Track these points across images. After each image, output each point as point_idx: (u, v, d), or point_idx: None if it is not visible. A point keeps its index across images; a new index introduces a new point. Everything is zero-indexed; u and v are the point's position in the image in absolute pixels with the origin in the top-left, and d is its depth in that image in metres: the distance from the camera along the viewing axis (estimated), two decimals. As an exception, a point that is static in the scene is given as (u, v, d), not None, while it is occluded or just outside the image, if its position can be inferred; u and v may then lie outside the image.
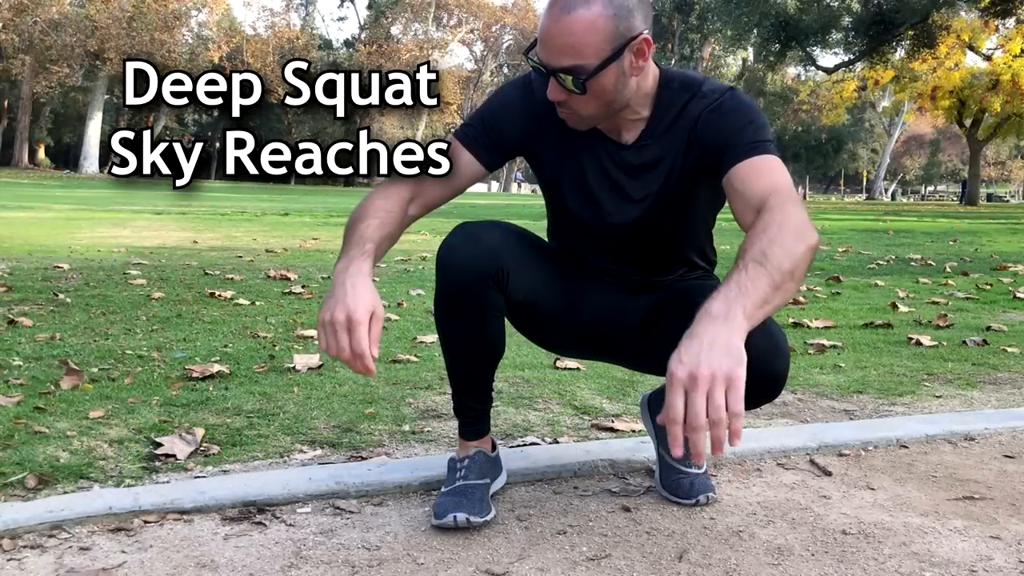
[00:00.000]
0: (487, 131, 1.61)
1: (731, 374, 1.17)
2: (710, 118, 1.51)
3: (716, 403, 1.16)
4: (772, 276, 1.27)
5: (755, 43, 30.56)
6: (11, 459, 1.85)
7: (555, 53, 1.41)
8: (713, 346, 1.19)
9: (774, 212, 1.37)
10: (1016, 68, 29.89)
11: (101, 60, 35.59)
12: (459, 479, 1.66)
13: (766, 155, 1.46)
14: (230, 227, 10.25)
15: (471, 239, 1.56)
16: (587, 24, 1.38)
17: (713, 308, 1.24)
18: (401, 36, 49.93)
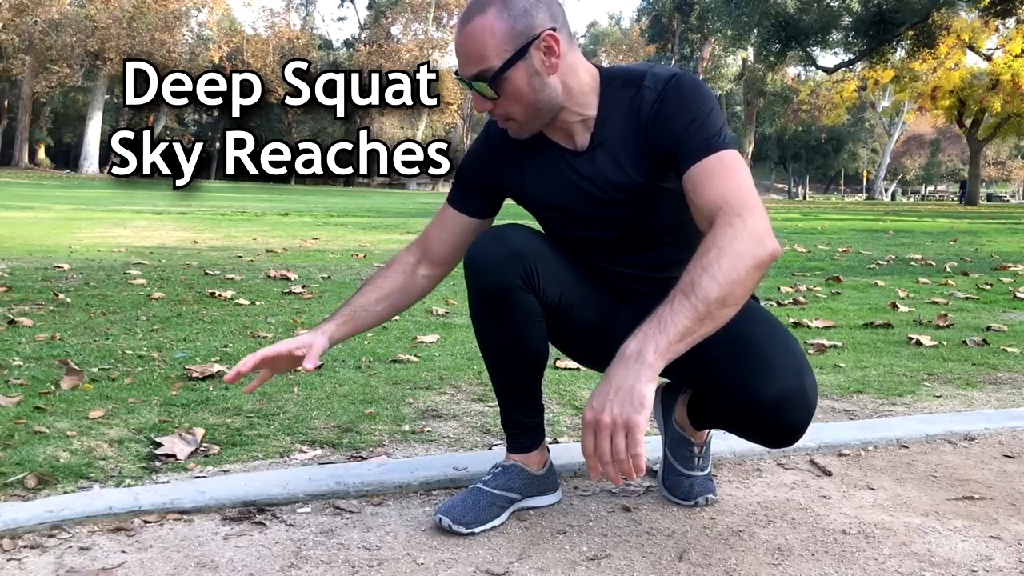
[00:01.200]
0: (465, 187, 1.71)
1: (629, 422, 1.26)
2: (656, 120, 1.49)
3: (617, 447, 1.27)
4: (696, 308, 1.30)
5: (755, 43, 30.55)
6: (11, 459, 1.85)
7: (464, 63, 1.47)
8: (619, 392, 1.27)
9: (716, 232, 1.36)
10: (1016, 68, 29.89)
11: (101, 60, 35.60)
12: (481, 481, 1.65)
13: (718, 152, 1.44)
14: (230, 227, 10.25)
15: (495, 240, 1.56)
16: (483, 29, 1.43)
17: (628, 348, 1.30)
18: (401, 36, 49.94)
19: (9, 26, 34.52)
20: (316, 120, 55.57)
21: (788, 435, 1.50)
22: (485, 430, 2.22)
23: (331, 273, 5.73)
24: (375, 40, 47.80)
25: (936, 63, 30.91)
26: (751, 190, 1.42)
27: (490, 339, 1.63)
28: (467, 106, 53.79)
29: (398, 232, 10.17)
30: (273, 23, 48.32)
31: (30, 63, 35.78)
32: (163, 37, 36.42)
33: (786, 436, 1.50)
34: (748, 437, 1.57)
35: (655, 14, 38.21)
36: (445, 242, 1.71)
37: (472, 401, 2.50)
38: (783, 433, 1.50)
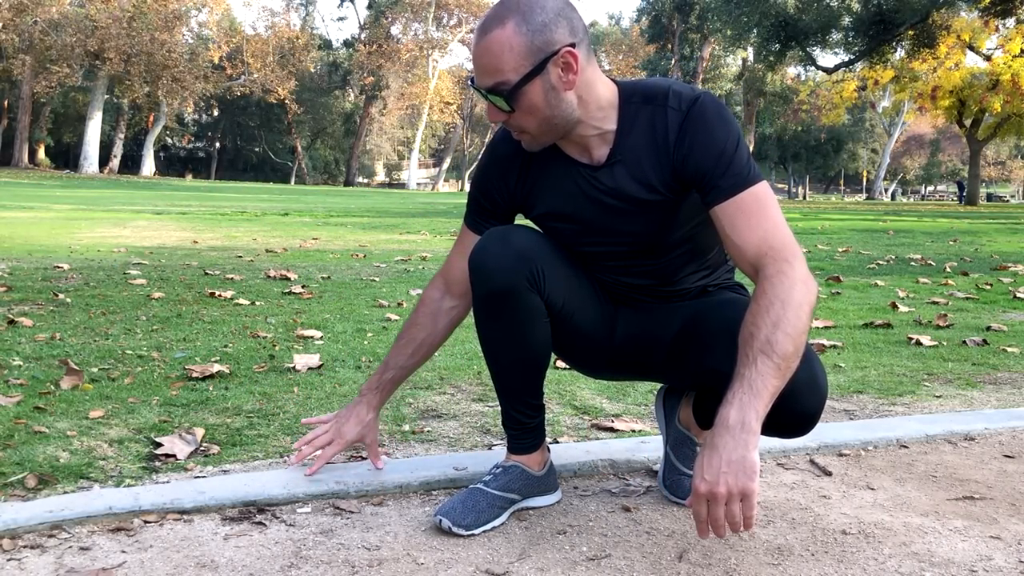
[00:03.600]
0: (479, 209, 1.71)
1: (745, 490, 1.32)
2: (683, 145, 1.50)
3: (733, 516, 1.33)
4: (779, 366, 1.36)
5: (755, 43, 30.55)
6: (11, 459, 1.85)
7: (481, 74, 1.46)
8: (731, 464, 1.32)
9: (775, 284, 1.41)
10: (1016, 68, 29.87)
11: (101, 60, 35.57)
12: (481, 482, 1.66)
13: (750, 188, 1.48)
14: (230, 227, 10.25)
15: (500, 241, 1.56)
16: (502, 43, 1.42)
17: (730, 418, 1.34)
18: (401, 36, 49.92)
19: (9, 26, 34.50)
20: (316, 120, 55.61)
21: (804, 422, 1.51)
22: (485, 430, 2.22)
23: (331, 273, 5.73)
24: (375, 40, 47.77)
25: (936, 63, 30.90)
26: (786, 227, 1.48)
27: (494, 339, 1.62)
28: (467, 106, 53.82)
29: (398, 232, 10.17)
30: (273, 23, 48.30)
31: (30, 63, 35.76)
32: (163, 37, 36.38)
33: (802, 424, 1.51)
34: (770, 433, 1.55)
35: (655, 14, 38.20)
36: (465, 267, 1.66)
37: (472, 401, 2.50)
38: (799, 421, 1.50)
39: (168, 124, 44.59)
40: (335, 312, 4.03)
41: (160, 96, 38.52)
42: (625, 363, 1.73)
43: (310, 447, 1.78)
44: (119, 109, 42.04)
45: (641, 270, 1.65)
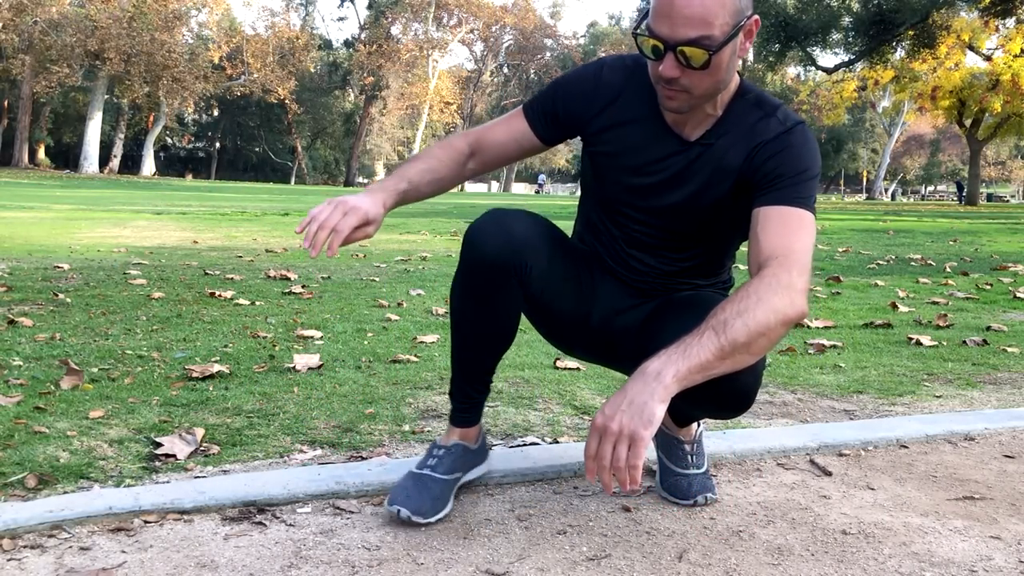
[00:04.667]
0: (551, 105, 1.66)
1: (634, 434, 1.30)
2: (774, 148, 1.53)
3: (619, 455, 1.31)
4: (723, 347, 1.34)
5: (755, 43, 30.54)
6: (11, 459, 1.85)
7: (682, 25, 1.39)
8: (631, 405, 1.31)
9: (762, 280, 1.41)
10: (1016, 68, 29.87)
11: (101, 60, 35.56)
12: (427, 467, 1.67)
13: (803, 209, 1.50)
14: (230, 227, 10.25)
15: (502, 227, 1.57)
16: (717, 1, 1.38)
17: (649, 366, 1.34)
18: (401, 36, 49.91)
19: (9, 26, 34.49)
20: (316, 120, 55.60)
21: (741, 400, 1.52)
22: (484, 430, 2.22)
23: (331, 273, 5.73)
24: (375, 40, 47.75)
25: (936, 63, 30.88)
26: (809, 254, 1.48)
27: (468, 314, 1.64)
28: (467, 106, 53.81)
29: (398, 232, 10.17)
30: (273, 23, 48.29)
31: (30, 63, 35.75)
32: (163, 37, 36.37)
33: (739, 402, 1.52)
34: (704, 410, 1.59)
35: (655, 14, 38.10)
36: (504, 147, 1.69)
37: (472, 401, 2.50)
38: (736, 399, 1.51)
39: (168, 124, 44.57)
40: (335, 312, 4.03)
41: (160, 96, 38.52)
42: (596, 347, 1.77)
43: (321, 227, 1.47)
44: (119, 109, 42.04)
45: (656, 252, 1.68)
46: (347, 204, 1.49)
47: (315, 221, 1.47)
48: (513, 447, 2.07)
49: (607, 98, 1.62)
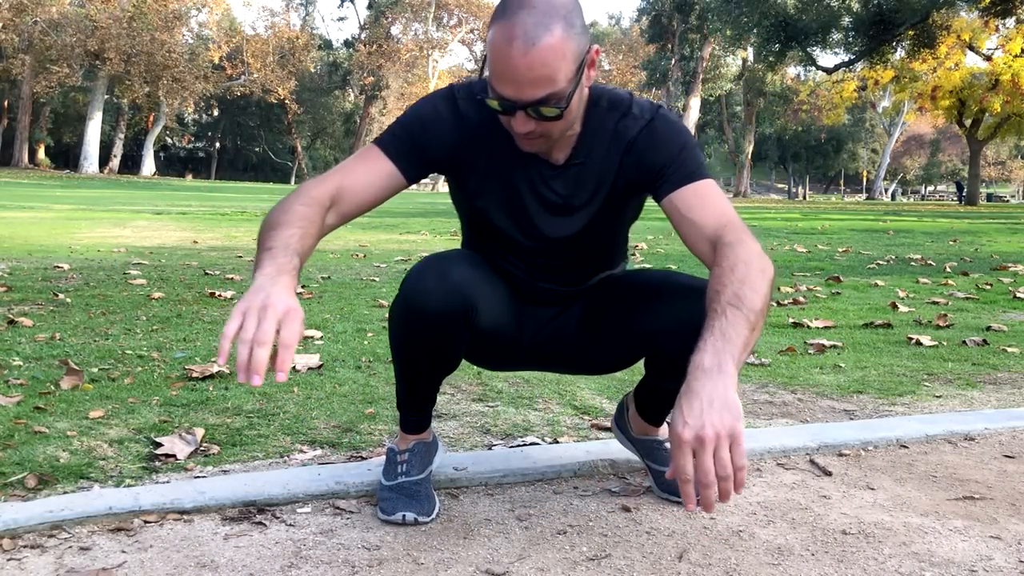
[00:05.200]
0: (412, 143, 1.55)
1: (733, 431, 1.23)
2: (644, 143, 1.54)
3: (723, 461, 1.22)
4: (748, 318, 1.34)
5: (755, 43, 30.54)
6: (11, 459, 1.85)
7: (528, 87, 1.37)
8: (712, 404, 1.24)
9: (735, 248, 1.43)
10: (1016, 68, 29.87)
11: (101, 60, 35.57)
12: (401, 475, 1.67)
13: (704, 180, 1.53)
14: (230, 227, 10.25)
15: (440, 276, 1.53)
16: (556, 51, 1.35)
17: (705, 362, 1.29)
18: (401, 36, 49.92)
19: (9, 26, 34.49)
20: (316, 120, 55.61)
21: None
22: (485, 430, 2.22)
23: (331, 273, 5.73)
24: (375, 40, 47.76)
25: (936, 63, 30.89)
26: (737, 214, 1.54)
27: (417, 359, 1.62)
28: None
29: (398, 232, 10.17)
30: (273, 23, 48.31)
31: (30, 63, 35.76)
32: (163, 37, 36.38)
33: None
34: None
35: (655, 14, 38.15)
36: (367, 192, 1.52)
37: (472, 401, 2.50)
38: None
39: (168, 124, 44.56)
40: (335, 312, 4.03)
41: (160, 96, 38.53)
42: (527, 362, 1.79)
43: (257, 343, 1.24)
44: (119, 109, 42.03)
45: (564, 274, 1.69)
46: (271, 306, 1.25)
47: (243, 343, 1.22)
48: (513, 447, 2.07)
49: (471, 131, 1.56)
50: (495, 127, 1.54)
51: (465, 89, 1.57)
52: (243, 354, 1.22)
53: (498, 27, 1.36)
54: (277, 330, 1.24)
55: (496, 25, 1.37)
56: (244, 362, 1.22)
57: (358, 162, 1.54)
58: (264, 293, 1.27)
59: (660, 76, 38.28)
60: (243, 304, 1.26)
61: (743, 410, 1.26)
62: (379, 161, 1.53)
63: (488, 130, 1.55)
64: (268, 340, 1.23)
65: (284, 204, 1.45)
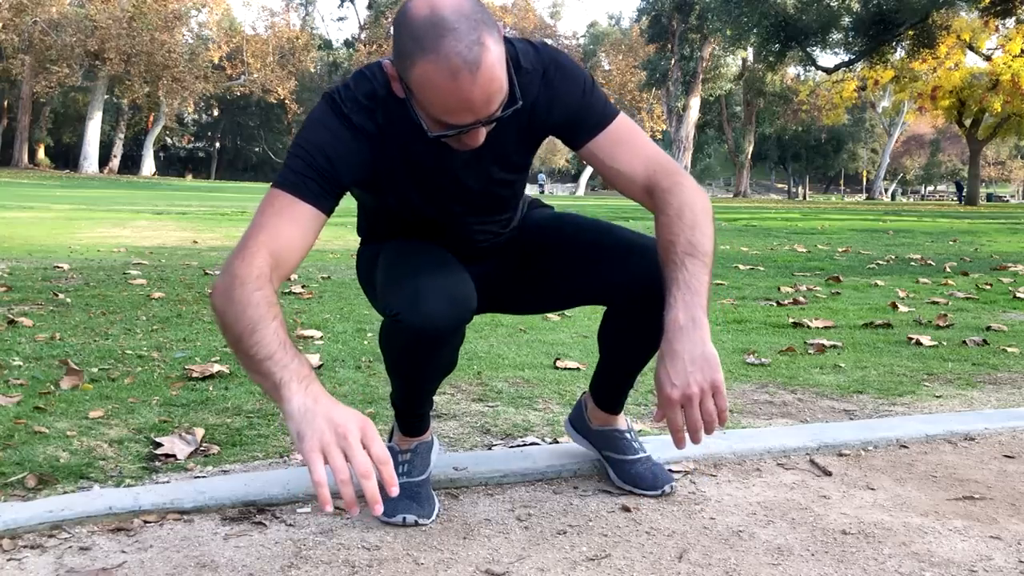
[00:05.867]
0: (322, 178, 1.43)
1: (714, 382, 1.38)
2: (545, 100, 1.50)
3: (708, 410, 1.39)
4: (705, 263, 1.45)
5: (755, 43, 30.53)
6: (11, 459, 1.85)
7: (484, 107, 1.32)
8: (694, 361, 1.38)
9: (675, 194, 1.50)
10: (1016, 68, 29.87)
11: (101, 60, 35.57)
12: (403, 475, 1.67)
13: (615, 119, 1.55)
14: (230, 227, 10.25)
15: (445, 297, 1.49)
16: (496, 59, 1.30)
17: (680, 319, 1.40)
18: (401, 36, 49.82)
19: (9, 26, 34.49)
20: (316, 120, 55.48)
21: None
22: (485, 430, 2.22)
23: (331, 273, 5.73)
24: (375, 40, 47.76)
25: (936, 63, 30.91)
26: (661, 150, 1.59)
27: (418, 372, 1.61)
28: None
29: (398, 232, 10.16)
30: (273, 23, 48.30)
31: (30, 63, 35.76)
32: (163, 37, 36.38)
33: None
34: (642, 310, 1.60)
35: (655, 14, 38.11)
36: (298, 248, 1.42)
37: (472, 401, 2.50)
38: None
39: (168, 124, 44.57)
40: (335, 312, 4.03)
41: (160, 96, 38.53)
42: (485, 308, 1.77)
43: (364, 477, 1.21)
44: (119, 109, 42.04)
45: (487, 223, 1.68)
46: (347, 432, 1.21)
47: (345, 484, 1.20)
48: (513, 447, 2.07)
49: (374, 142, 1.48)
50: (397, 127, 1.47)
51: (346, 97, 1.47)
52: (349, 494, 1.21)
53: (427, 63, 1.28)
54: None
55: (422, 62, 1.29)
56: (353, 500, 1.21)
57: (275, 217, 1.41)
58: (322, 418, 1.22)
59: (660, 76, 38.26)
60: (312, 440, 1.20)
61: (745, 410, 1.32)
62: (296, 207, 1.41)
63: (390, 135, 1.48)
64: (371, 470, 1.20)
65: (237, 297, 1.32)
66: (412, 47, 1.30)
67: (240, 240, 1.41)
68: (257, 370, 1.29)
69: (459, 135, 1.38)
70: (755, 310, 4.46)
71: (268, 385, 1.28)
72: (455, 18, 1.28)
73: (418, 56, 1.29)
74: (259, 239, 1.38)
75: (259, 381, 1.30)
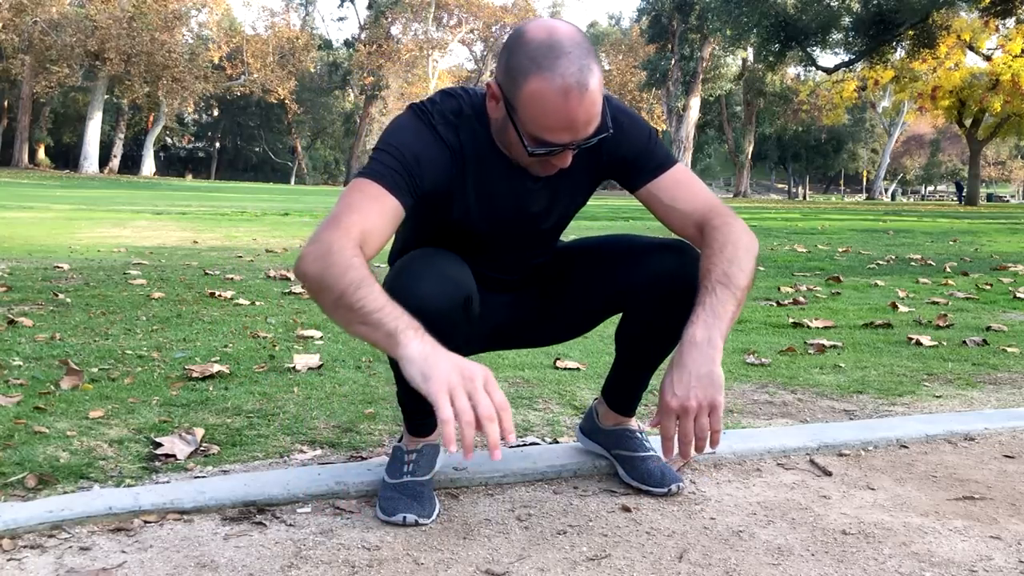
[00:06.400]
0: (409, 176, 1.50)
1: (713, 402, 1.43)
2: (612, 140, 1.57)
3: (702, 426, 1.44)
4: (736, 295, 1.50)
5: (755, 43, 30.54)
6: (11, 459, 1.85)
7: (584, 128, 1.44)
8: (700, 378, 1.43)
9: (723, 231, 1.57)
10: (1016, 68, 29.88)
11: (101, 60, 35.57)
12: (407, 474, 1.68)
13: (676, 166, 1.65)
14: (230, 227, 10.25)
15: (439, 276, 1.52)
16: (600, 87, 1.44)
17: (697, 335, 1.45)
18: (401, 36, 49.90)
19: (9, 26, 34.49)
20: (316, 120, 55.57)
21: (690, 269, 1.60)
22: (485, 430, 2.22)
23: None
24: (375, 40, 47.75)
25: (936, 63, 30.91)
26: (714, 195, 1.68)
27: None
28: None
29: (398, 232, 10.16)
30: (273, 23, 48.30)
31: (30, 63, 35.76)
32: (163, 37, 36.39)
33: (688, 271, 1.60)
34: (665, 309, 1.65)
35: (655, 14, 38.11)
36: (382, 236, 1.47)
37: (472, 401, 2.50)
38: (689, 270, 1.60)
39: (168, 124, 44.57)
40: (335, 312, 4.02)
41: (160, 96, 38.54)
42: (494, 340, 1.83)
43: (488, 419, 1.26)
44: (119, 109, 42.03)
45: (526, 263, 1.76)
46: (472, 376, 1.27)
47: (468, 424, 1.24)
48: (513, 447, 2.07)
49: (457, 157, 1.56)
50: (477, 147, 1.57)
51: (433, 110, 1.55)
52: (471, 436, 1.25)
53: (541, 80, 1.39)
54: None
55: (536, 78, 1.39)
56: (472, 444, 1.26)
57: (366, 201, 1.46)
58: (447, 362, 1.29)
59: (660, 76, 38.26)
60: (439, 382, 1.26)
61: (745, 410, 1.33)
62: (384, 198, 1.47)
63: (470, 152, 1.57)
64: (495, 415, 1.27)
65: (336, 260, 1.37)
66: (527, 65, 1.41)
67: (329, 217, 1.45)
68: (365, 322, 1.34)
69: (550, 155, 1.48)
70: (755, 310, 4.46)
71: (379, 335, 1.33)
72: (570, 44, 1.41)
73: (533, 73, 1.40)
74: (352, 218, 1.43)
75: (366, 333, 1.35)
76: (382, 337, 1.33)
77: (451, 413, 1.24)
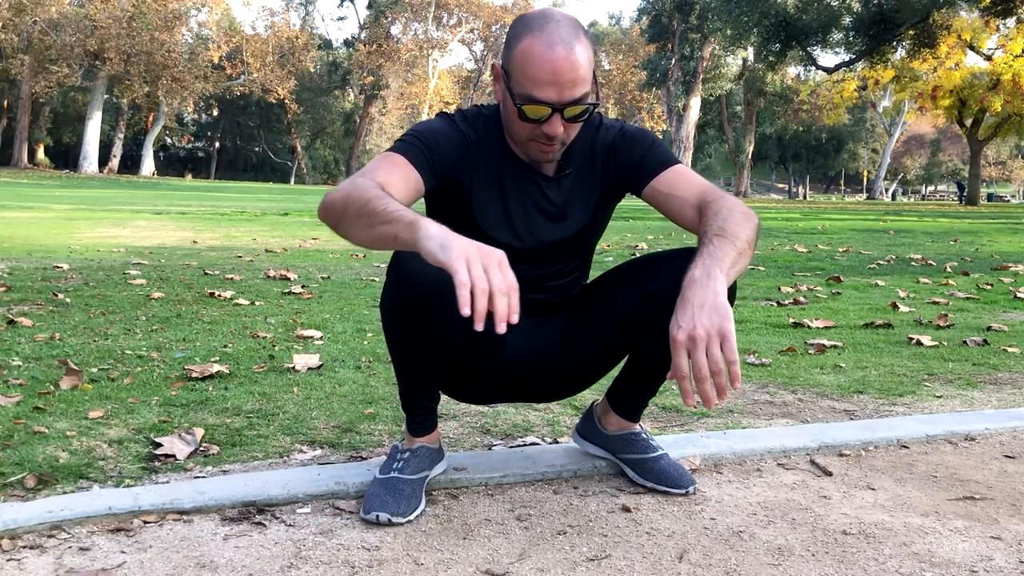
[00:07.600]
0: (431, 153, 1.59)
1: (722, 329, 1.37)
2: (620, 145, 1.70)
3: (715, 358, 1.36)
4: (734, 243, 1.49)
5: (755, 43, 30.53)
6: (11, 459, 1.85)
7: (569, 87, 1.51)
8: (703, 307, 1.39)
9: (718, 202, 1.59)
10: (1017, 68, 29.87)
11: (101, 60, 35.57)
12: (394, 470, 1.67)
13: (678, 164, 1.70)
14: (230, 227, 10.25)
15: None
16: (586, 55, 1.52)
17: (696, 273, 1.44)
18: (401, 36, 49.90)
19: (8, 26, 34.49)
20: (316, 120, 55.56)
21: None
22: (485, 430, 2.22)
23: (331, 273, 5.73)
24: (375, 40, 47.75)
25: (936, 63, 30.89)
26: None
27: (410, 337, 1.59)
28: (467, 106, 53.74)
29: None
30: (273, 23, 48.28)
31: (29, 63, 35.76)
32: (163, 37, 36.37)
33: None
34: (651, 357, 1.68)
35: (655, 14, 38.10)
36: (405, 198, 1.51)
37: (472, 401, 2.50)
38: None
39: (168, 124, 44.55)
40: (335, 312, 4.03)
41: (160, 96, 38.53)
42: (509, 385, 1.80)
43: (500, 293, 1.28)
44: (119, 109, 42.01)
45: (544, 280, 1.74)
46: (489, 252, 1.30)
47: (483, 293, 1.26)
48: (513, 447, 2.06)
49: (474, 148, 1.65)
50: (492, 145, 1.66)
51: (457, 112, 1.69)
52: (484, 305, 1.26)
53: (532, 38, 1.50)
54: None
55: (528, 38, 1.51)
56: (484, 312, 1.26)
57: (391, 166, 1.54)
58: (465, 240, 1.31)
59: (660, 76, 38.25)
60: (457, 251, 1.28)
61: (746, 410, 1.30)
62: (407, 168, 1.55)
63: (486, 146, 1.66)
64: (506, 288, 1.28)
65: (360, 183, 1.46)
66: (520, 31, 1.53)
67: (354, 175, 1.52)
68: (386, 220, 1.37)
69: (539, 121, 1.53)
70: (755, 310, 4.45)
71: (400, 227, 1.35)
72: (562, 17, 1.54)
73: (524, 35, 1.52)
74: (377, 177, 1.49)
75: (385, 232, 1.37)
76: (403, 228, 1.35)
77: (467, 278, 1.26)
